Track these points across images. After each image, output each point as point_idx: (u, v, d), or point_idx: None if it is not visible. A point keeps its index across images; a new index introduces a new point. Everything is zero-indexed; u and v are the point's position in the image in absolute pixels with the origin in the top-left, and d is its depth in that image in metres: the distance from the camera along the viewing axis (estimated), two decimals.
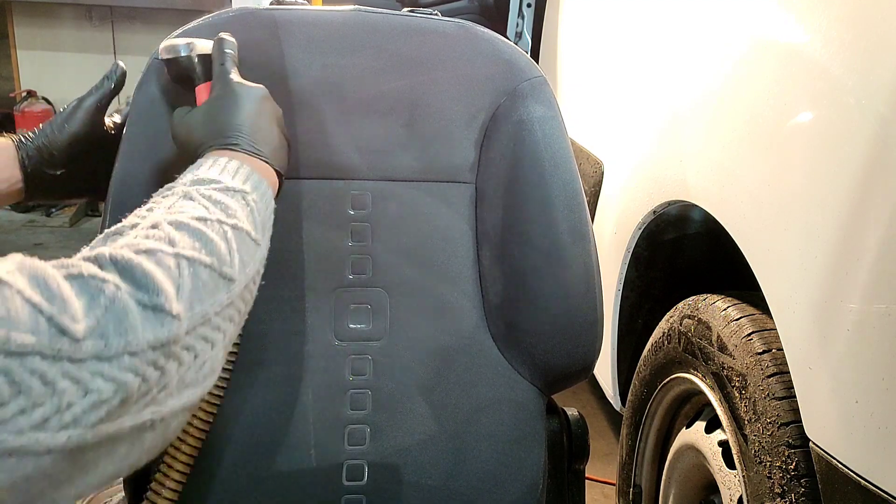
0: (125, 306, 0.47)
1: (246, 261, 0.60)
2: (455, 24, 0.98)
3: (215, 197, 0.61)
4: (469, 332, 0.93)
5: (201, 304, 0.53)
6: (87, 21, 4.00)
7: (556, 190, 0.93)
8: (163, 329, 0.49)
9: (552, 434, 0.99)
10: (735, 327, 1.15)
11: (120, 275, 0.49)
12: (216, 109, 0.73)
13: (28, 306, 0.42)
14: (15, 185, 0.82)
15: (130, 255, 0.51)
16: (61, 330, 0.43)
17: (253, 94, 0.75)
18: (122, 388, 0.46)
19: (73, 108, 0.86)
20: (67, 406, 0.43)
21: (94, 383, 0.44)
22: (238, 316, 0.60)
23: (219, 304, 0.55)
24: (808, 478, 0.98)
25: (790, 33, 1.09)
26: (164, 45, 0.83)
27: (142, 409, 0.49)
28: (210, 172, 0.64)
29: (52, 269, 0.46)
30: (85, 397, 0.44)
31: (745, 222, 1.12)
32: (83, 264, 0.49)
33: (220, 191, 0.62)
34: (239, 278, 0.58)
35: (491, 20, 2.75)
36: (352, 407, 0.90)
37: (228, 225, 0.59)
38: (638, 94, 1.62)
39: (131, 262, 0.50)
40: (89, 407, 0.44)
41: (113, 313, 0.47)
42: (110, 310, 0.47)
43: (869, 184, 0.88)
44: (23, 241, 3.31)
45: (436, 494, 0.90)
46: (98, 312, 0.46)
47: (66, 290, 0.45)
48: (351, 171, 0.93)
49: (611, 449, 2.08)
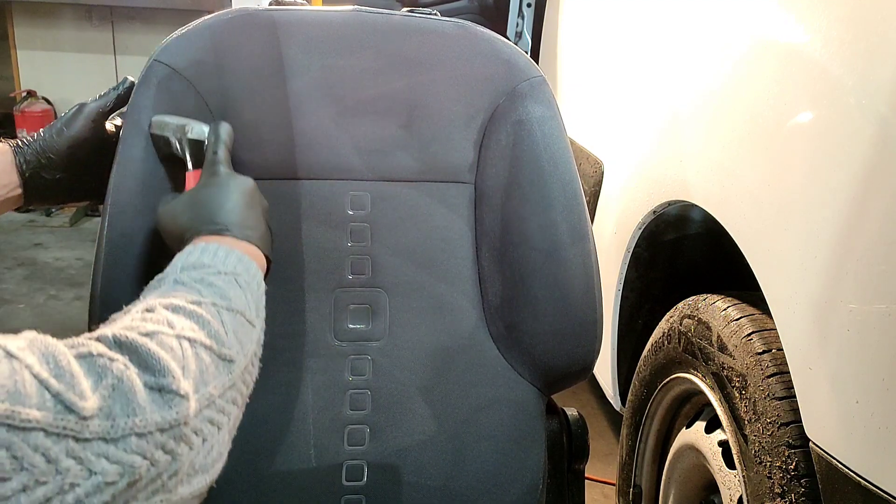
0: (133, 386, 0.47)
1: (244, 342, 0.59)
2: (454, 24, 0.98)
3: (208, 280, 0.61)
4: (468, 332, 0.93)
5: (205, 385, 0.53)
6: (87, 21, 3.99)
7: (555, 190, 0.93)
8: (171, 411, 0.48)
9: (552, 434, 0.99)
10: (735, 327, 1.15)
11: (127, 355, 0.49)
12: (205, 197, 0.72)
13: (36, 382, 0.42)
14: (13, 190, 0.82)
15: (135, 336, 0.50)
16: (68, 407, 0.42)
17: (242, 184, 0.74)
18: (128, 472, 0.45)
19: (74, 113, 0.85)
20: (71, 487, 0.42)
21: (98, 464, 0.43)
22: (240, 398, 0.59)
23: (222, 386, 0.55)
24: (808, 478, 0.98)
25: (790, 33, 1.09)
26: (156, 120, 0.84)
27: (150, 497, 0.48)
28: (201, 258, 0.64)
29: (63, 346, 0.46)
30: (89, 479, 0.43)
31: (745, 222, 1.12)
32: (92, 343, 0.48)
33: (211, 275, 0.61)
34: (238, 359, 0.58)
35: (491, 20, 2.75)
36: (351, 407, 0.90)
37: (223, 307, 0.59)
38: (638, 94, 1.62)
39: (136, 343, 0.50)
40: (93, 489, 0.43)
41: (120, 392, 0.46)
42: (118, 389, 0.46)
43: (869, 184, 0.88)
44: (23, 241, 3.31)
45: (436, 494, 0.90)
46: (105, 392, 0.45)
47: (75, 367, 0.45)
48: (350, 172, 0.93)
49: (611, 449, 2.08)
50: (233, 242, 0.68)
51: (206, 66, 0.89)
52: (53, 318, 2.67)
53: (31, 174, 0.82)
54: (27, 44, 4.02)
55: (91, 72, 4.04)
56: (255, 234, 0.70)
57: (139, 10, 3.92)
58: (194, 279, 0.60)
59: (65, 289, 2.89)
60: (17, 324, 2.62)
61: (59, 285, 2.91)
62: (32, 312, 2.71)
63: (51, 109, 3.99)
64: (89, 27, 4.01)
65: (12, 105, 4.01)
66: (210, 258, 0.63)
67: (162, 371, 0.49)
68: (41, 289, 2.88)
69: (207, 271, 0.62)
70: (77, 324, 2.62)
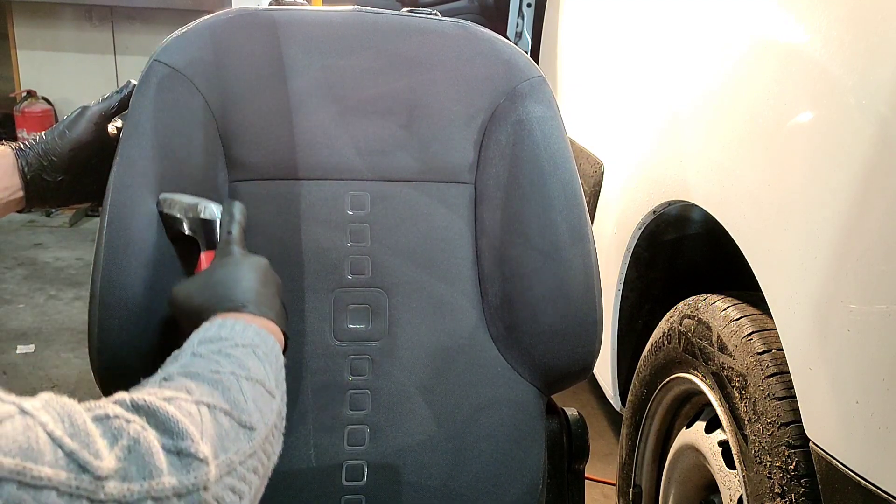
0: (150, 448, 0.46)
1: (263, 411, 0.58)
2: (454, 24, 0.98)
3: (226, 351, 0.60)
4: (468, 332, 0.93)
5: (225, 452, 0.51)
6: (87, 21, 3.99)
7: (555, 190, 0.93)
8: (189, 475, 0.47)
9: (552, 434, 0.99)
10: (735, 327, 1.15)
11: (145, 417, 0.48)
12: (221, 277, 0.71)
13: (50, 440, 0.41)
14: (15, 193, 0.82)
15: (153, 400, 0.49)
16: (82, 466, 0.41)
17: (256, 263, 0.73)
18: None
19: (77, 116, 0.86)
20: None
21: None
22: (262, 468, 0.57)
23: (243, 454, 0.53)
24: (808, 478, 0.98)
25: (790, 33, 1.09)
26: (164, 198, 0.83)
27: None
28: (219, 332, 0.63)
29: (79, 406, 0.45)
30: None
31: (745, 222, 1.12)
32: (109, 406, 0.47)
33: (229, 347, 0.61)
34: (259, 427, 0.56)
35: (491, 20, 2.75)
36: (351, 407, 0.90)
37: (242, 376, 0.58)
38: (638, 94, 1.62)
39: (154, 406, 0.49)
40: None
41: (137, 454, 0.45)
42: (134, 451, 0.45)
43: (869, 184, 0.87)
44: (23, 241, 3.31)
45: (435, 494, 0.90)
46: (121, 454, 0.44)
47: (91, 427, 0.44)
48: (350, 172, 0.93)
49: (611, 449, 2.08)
50: (250, 318, 0.67)
51: (207, 66, 0.89)
52: (53, 318, 2.67)
53: (33, 177, 0.82)
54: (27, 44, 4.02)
55: (91, 72, 4.04)
56: (271, 311, 0.70)
57: (139, 10, 3.92)
58: (212, 351, 0.60)
59: (65, 289, 2.89)
60: (16, 324, 2.62)
61: (59, 285, 2.91)
62: (32, 312, 2.71)
63: (51, 109, 3.99)
64: (89, 27, 4.00)
65: (12, 105, 4.01)
66: (228, 332, 0.63)
67: (181, 434, 0.48)
68: (41, 289, 2.88)
69: (225, 344, 0.61)
70: (77, 324, 2.62)
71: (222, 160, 0.90)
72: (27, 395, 0.44)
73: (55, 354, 2.43)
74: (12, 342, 2.50)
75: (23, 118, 3.93)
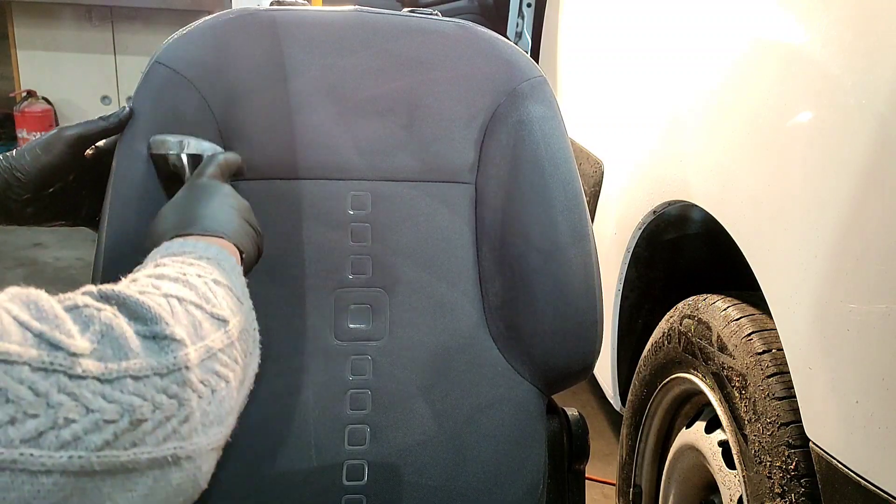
0: (123, 332, 0.45)
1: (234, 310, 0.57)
2: (455, 23, 0.98)
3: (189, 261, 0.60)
4: (469, 332, 0.93)
5: (202, 339, 0.51)
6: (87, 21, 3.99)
7: (555, 190, 0.93)
8: (167, 356, 0.47)
9: (552, 434, 0.99)
10: (735, 327, 1.15)
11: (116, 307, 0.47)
12: (180, 203, 0.71)
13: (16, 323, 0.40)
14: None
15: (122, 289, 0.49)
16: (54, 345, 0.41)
17: (216, 188, 0.73)
18: (128, 411, 0.43)
19: (52, 137, 0.81)
20: (66, 422, 0.40)
21: (95, 402, 0.42)
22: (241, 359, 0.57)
23: (221, 342, 0.53)
24: (808, 478, 0.98)
25: (790, 34, 1.09)
26: (155, 140, 0.82)
27: (162, 442, 0.46)
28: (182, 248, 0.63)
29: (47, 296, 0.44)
30: (86, 416, 0.41)
31: (745, 222, 1.12)
32: (77, 296, 0.47)
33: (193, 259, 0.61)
34: (232, 321, 0.56)
35: (491, 20, 2.75)
36: (352, 407, 0.90)
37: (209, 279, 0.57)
38: (638, 94, 1.62)
39: (124, 295, 0.48)
40: (92, 426, 0.42)
41: (111, 338, 0.44)
42: (107, 335, 0.44)
43: (869, 184, 0.88)
44: (22, 241, 3.31)
45: (436, 494, 0.90)
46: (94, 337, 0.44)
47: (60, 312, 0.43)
48: (351, 172, 0.93)
49: (611, 449, 2.08)
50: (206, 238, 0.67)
51: (208, 67, 0.89)
52: None
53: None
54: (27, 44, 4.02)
55: (91, 72, 4.03)
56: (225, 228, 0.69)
57: (139, 10, 3.92)
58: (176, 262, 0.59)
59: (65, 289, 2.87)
60: None
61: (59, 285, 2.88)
62: None
63: (51, 109, 3.99)
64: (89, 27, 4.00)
65: (12, 105, 4.01)
66: (190, 248, 0.63)
67: (154, 319, 0.47)
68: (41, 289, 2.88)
69: (189, 257, 0.61)
70: None
71: None
72: None
73: None
74: None
75: (23, 118, 3.93)
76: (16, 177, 0.80)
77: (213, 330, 0.53)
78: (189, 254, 0.61)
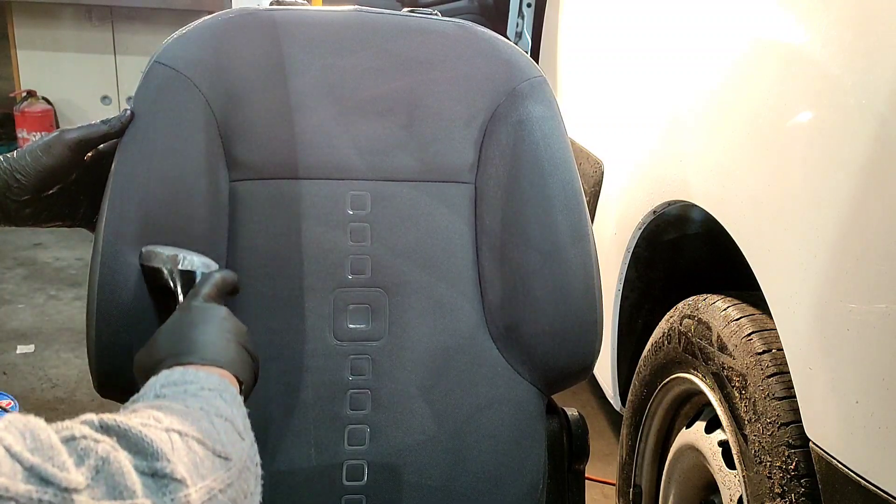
0: (121, 468, 0.43)
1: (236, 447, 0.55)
2: (454, 23, 0.98)
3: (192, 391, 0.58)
4: (468, 332, 0.93)
5: (203, 479, 0.48)
6: (87, 21, 3.99)
7: (555, 190, 0.93)
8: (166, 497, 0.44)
9: (552, 434, 0.99)
10: (735, 327, 1.15)
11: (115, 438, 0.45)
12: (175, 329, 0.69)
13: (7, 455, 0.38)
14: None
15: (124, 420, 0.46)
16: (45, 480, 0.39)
17: (213, 313, 0.70)
18: None
19: (53, 139, 0.81)
20: None
21: None
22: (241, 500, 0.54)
23: (222, 482, 0.50)
24: (808, 478, 0.98)
25: (790, 34, 1.09)
26: (147, 251, 0.80)
27: None
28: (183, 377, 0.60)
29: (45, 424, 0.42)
30: None
31: (745, 222, 1.12)
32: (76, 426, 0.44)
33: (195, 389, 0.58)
34: (234, 459, 0.53)
35: (491, 20, 2.75)
36: (351, 407, 0.90)
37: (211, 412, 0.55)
38: (638, 94, 1.62)
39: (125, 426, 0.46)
40: None
41: (107, 475, 0.42)
42: (102, 471, 0.42)
43: (869, 184, 0.88)
44: (22, 241, 3.31)
45: (436, 494, 0.90)
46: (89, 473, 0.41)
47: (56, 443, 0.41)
48: (350, 172, 0.93)
49: (611, 449, 2.08)
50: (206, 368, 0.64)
51: (208, 67, 0.89)
52: (53, 319, 2.67)
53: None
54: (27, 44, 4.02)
55: (91, 72, 4.03)
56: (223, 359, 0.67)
57: (139, 10, 3.91)
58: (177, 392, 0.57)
59: (65, 289, 2.89)
60: (16, 324, 2.62)
61: (59, 285, 2.91)
62: (32, 312, 2.71)
63: (51, 109, 3.99)
64: (89, 27, 4.00)
65: (12, 105, 4.00)
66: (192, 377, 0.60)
67: (155, 454, 0.45)
68: (41, 289, 2.88)
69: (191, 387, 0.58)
70: (77, 324, 2.62)
71: (223, 160, 0.90)
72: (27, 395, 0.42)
73: (55, 354, 2.43)
74: (12, 342, 2.50)
75: (23, 118, 3.93)
76: (16, 178, 0.80)
77: (213, 469, 0.51)
78: (191, 384, 0.59)
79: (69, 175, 0.84)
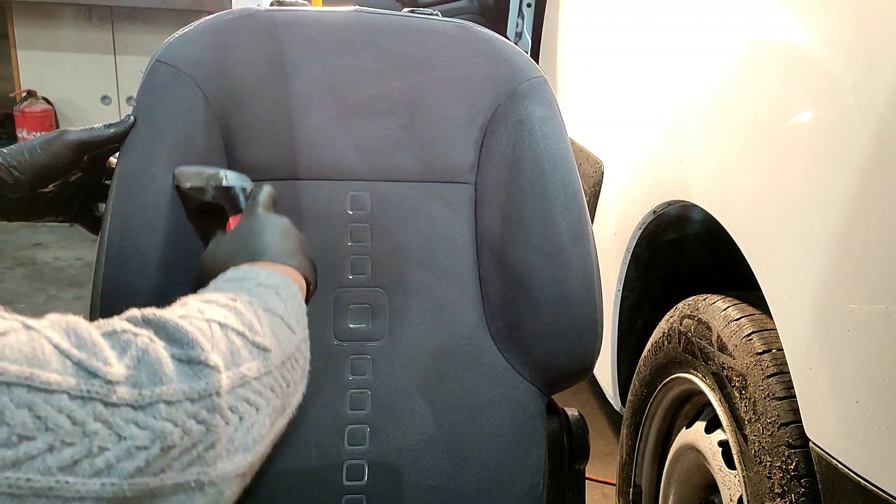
0: (158, 357, 0.46)
1: (280, 338, 0.58)
2: (455, 24, 0.98)
3: (246, 287, 0.61)
4: (469, 332, 0.93)
5: (237, 366, 0.52)
6: (87, 21, 3.99)
7: (555, 190, 0.93)
8: (200, 381, 0.48)
9: (552, 434, 0.99)
10: (735, 327, 1.15)
11: (153, 331, 0.49)
12: (244, 234, 0.73)
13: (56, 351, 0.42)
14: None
15: (163, 313, 0.50)
16: (91, 373, 0.42)
17: (278, 222, 0.75)
18: (159, 438, 0.44)
19: (54, 138, 0.81)
20: (100, 450, 0.42)
21: (128, 430, 0.43)
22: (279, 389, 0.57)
23: (257, 371, 0.54)
24: (808, 478, 0.98)
25: (790, 34, 1.09)
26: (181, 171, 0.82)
27: (187, 467, 0.47)
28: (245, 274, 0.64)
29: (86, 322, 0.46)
30: (119, 443, 0.43)
31: (745, 222, 1.12)
32: (117, 322, 0.48)
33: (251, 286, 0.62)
34: (274, 350, 0.56)
35: (491, 20, 2.75)
36: (352, 407, 0.90)
37: (259, 306, 0.58)
38: (638, 93, 1.62)
39: (163, 319, 0.50)
40: (124, 454, 0.43)
41: (145, 363, 0.46)
42: (143, 360, 0.46)
43: (869, 184, 0.88)
44: (23, 240, 3.30)
45: (436, 494, 0.90)
46: (130, 363, 0.45)
47: (98, 339, 0.45)
48: (350, 172, 0.93)
49: (611, 449, 2.08)
50: (272, 266, 0.68)
51: (209, 67, 0.89)
52: None
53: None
54: (27, 44, 4.02)
55: (91, 72, 4.03)
56: (293, 260, 0.71)
57: (139, 10, 3.92)
58: (232, 287, 0.61)
59: (65, 289, 2.89)
60: None
61: (59, 285, 2.91)
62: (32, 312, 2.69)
63: (51, 109, 3.99)
64: (89, 27, 4.00)
65: (12, 105, 4.01)
66: (253, 274, 0.64)
67: (190, 343, 0.49)
68: (41, 289, 2.88)
69: (248, 283, 0.62)
70: None
71: (224, 161, 0.90)
72: None
73: None
74: None
75: (23, 118, 3.93)
76: (12, 175, 0.80)
77: (250, 358, 0.54)
78: (250, 280, 0.62)
79: (66, 175, 0.84)
